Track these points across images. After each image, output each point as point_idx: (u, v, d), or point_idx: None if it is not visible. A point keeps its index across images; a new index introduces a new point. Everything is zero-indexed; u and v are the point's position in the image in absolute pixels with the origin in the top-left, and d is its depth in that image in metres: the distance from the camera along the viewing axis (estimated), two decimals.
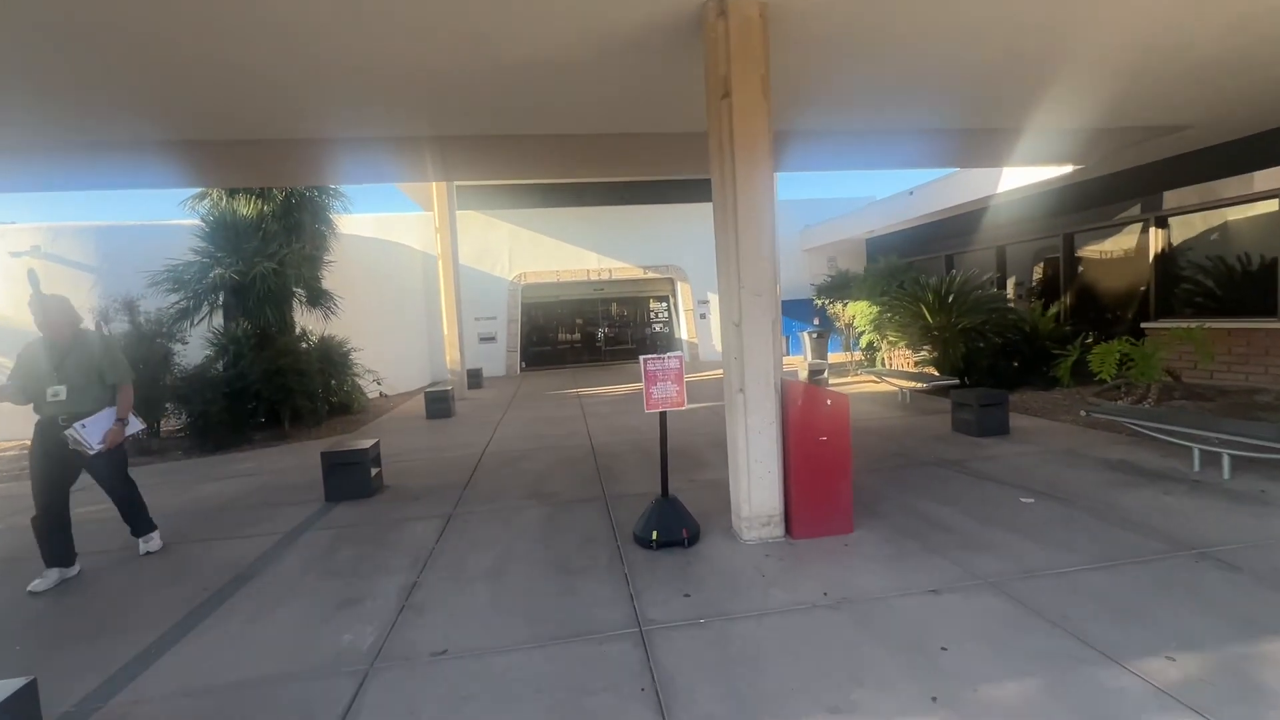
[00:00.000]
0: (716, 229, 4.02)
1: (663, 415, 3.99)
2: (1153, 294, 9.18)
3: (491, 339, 16.70)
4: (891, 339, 10.21)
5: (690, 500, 4.53)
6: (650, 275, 17.45)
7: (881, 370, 10.31)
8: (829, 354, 14.37)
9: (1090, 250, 10.41)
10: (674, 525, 3.89)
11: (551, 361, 18.16)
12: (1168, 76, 5.38)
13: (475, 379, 13.59)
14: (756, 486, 3.88)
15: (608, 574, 3.56)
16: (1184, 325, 8.12)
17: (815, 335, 14.20)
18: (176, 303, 7.97)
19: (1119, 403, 7.16)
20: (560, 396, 11.64)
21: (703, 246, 17.38)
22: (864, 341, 11.96)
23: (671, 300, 18.38)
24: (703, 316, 17.50)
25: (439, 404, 9.66)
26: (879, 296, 11.36)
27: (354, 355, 10.85)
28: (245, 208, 8.44)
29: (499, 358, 16.77)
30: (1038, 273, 11.47)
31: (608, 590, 3.35)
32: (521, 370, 17.03)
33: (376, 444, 5.80)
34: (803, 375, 10.71)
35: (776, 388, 3.89)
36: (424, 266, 15.24)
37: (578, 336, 18.69)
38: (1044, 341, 9.40)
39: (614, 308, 18.79)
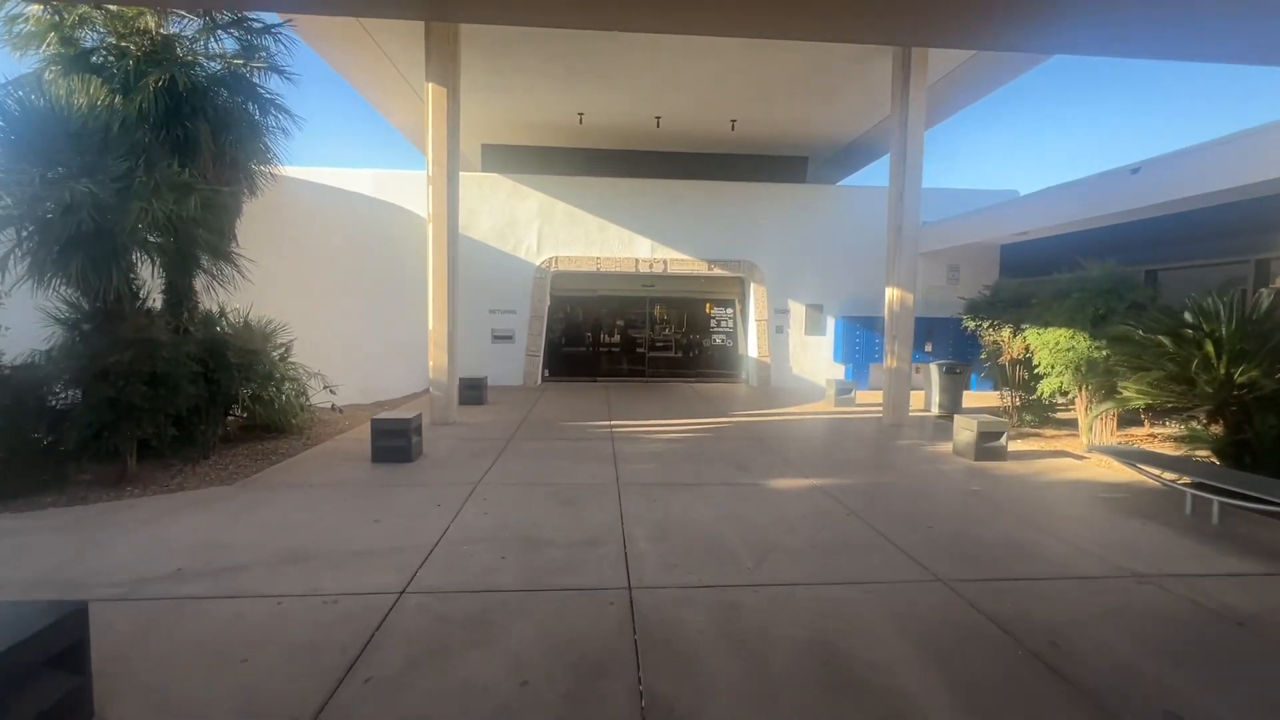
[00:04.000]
0: None
1: None
2: None
3: (508, 338, 13.15)
4: (1132, 393, 6.18)
5: None
6: (716, 271, 13.60)
7: (1130, 451, 6.28)
8: (964, 394, 10.30)
9: None
10: None
11: (582, 370, 14.49)
12: None
13: (475, 391, 10.06)
14: None
15: None
16: None
17: (946, 370, 10.14)
18: None
19: None
20: (585, 432, 7.98)
21: (785, 239, 13.51)
22: (1046, 388, 7.91)
23: (739, 305, 14.50)
24: (779, 330, 13.59)
25: (391, 441, 6.07)
26: (1091, 322, 7.30)
27: (294, 348, 7.48)
28: (81, 94, 5.06)
29: (516, 362, 13.22)
30: None
31: None
32: (543, 380, 13.45)
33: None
34: (968, 437, 6.77)
35: None
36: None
37: (616, 341, 14.95)
38: None
39: (662, 310, 14.99)
